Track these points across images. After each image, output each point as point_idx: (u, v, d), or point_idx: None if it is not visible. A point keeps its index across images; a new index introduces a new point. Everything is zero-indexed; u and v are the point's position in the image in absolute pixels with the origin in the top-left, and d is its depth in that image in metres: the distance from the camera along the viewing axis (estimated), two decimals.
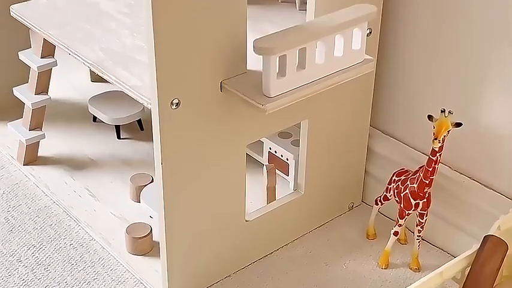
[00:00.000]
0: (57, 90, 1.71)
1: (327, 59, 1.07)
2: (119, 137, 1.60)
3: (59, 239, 1.35)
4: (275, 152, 1.42)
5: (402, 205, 1.24)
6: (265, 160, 1.45)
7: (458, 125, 1.14)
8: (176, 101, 1.05)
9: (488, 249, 1.05)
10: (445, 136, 1.15)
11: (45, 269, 1.29)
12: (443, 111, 1.14)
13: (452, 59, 1.25)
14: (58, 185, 1.46)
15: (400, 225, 1.26)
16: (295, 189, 1.35)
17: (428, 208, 1.23)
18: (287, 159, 1.40)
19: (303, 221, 1.35)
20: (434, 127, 1.15)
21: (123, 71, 1.14)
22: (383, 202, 1.31)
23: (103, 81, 1.69)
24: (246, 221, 1.25)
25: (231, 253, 1.25)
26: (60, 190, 1.45)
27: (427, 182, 1.19)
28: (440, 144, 1.15)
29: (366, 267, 1.31)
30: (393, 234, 1.26)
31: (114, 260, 1.30)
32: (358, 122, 1.34)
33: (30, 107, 1.46)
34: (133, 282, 1.26)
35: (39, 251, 1.32)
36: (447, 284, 1.07)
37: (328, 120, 1.28)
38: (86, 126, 1.63)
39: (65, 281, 1.26)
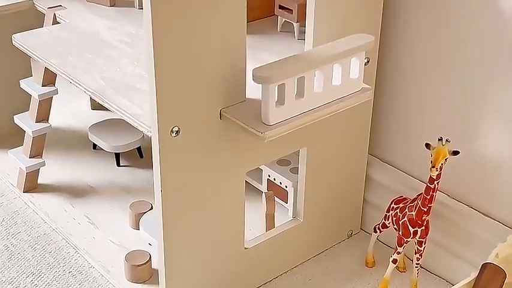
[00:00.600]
0: (58, 118, 1.72)
1: (325, 87, 1.09)
2: (118, 165, 1.60)
3: (58, 266, 1.35)
4: (274, 179, 1.43)
5: (401, 233, 1.24)
6: (264, 187, 1.46)
7: (456, 153, 1.15)
8: (176, 128, 1.06)
9: (487, 277, 1.05)
10: (442, 164, 1.16)
11: None
12: (441, 140, 1.15)
13: (449, 87, 1.26)
14: (57, 212, 1.47)
15: (399, 253, 1.26)
16: (294, 216, 1.35)
17: (426, 236, 1.23)
18: (286, 187, 1.41)
19: (302, 248, 1.36)
20: (431, 155, 1.16)
21: (123, 100, 1.15)
22: (382, 230, 1.32)
23: (103, 109, 1.71)
24: (245, 248, 1.25)
25: (230, 280, 1.25)
26: (59, 217, 1.45)
27: (426, 209, 1.20)
28: (438, 172, 1.16)
29: None
30: (392, 262, 1.27)
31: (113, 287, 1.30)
32: (357, 149, 1.35)
33: (31, 134, 1.47)
34: None
35: (38, 279, 1.32)
36: None
37: (326, 148, 1.29)
38: (86, 153, 1.64)
39: None
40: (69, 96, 1.77)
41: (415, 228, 1.22)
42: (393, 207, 1.27)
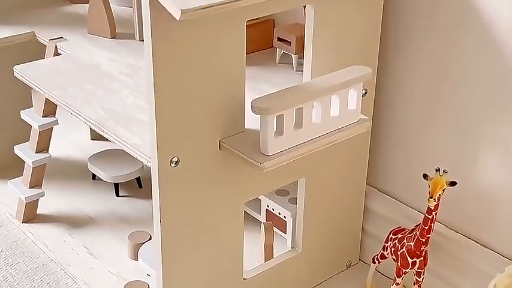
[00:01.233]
0: (58, 148, 1.73)
1: (324, 118, 1.10)
2: (117, 195, 1.61)
3: None
4: (273, 209, 1.43)
5: (399, 263, 1.24)
6: (262, 218, 1.46)
7: (453, 184, 1.16)
8: (175, 159, 1.07)
9: None
10: (440, 195, 1.17)
11: None
12: (438, 170, 1.16)
13: (447, 118, 1.27)
14: (56, 242, 1.47)
15: (397, 284, 1.26)
16: (293, 247, 1.35)
17: (425, 266, 1.23)
18: (285, 217, 1.41)
19: (300, 279, 1.35)
20: (429, 186, 1.17)
21: (123, 130, 1.16)
22: (380, 260, 1.32)
23: (103, 139, 1.72)
24: (244, 279, 1.25)
25: None
26: (58, 248, 1.45)
27: (424, 240, 1.20)
28: (435, 202, 1.17)
29: None
30: None
31: None
32: (355, 180, 1.36)
33: (31, 165, 1.47)
34: None
35: None
36: None
37: (325, 178, 1.30)
38: (85, 184, 1.65)
39: None
40: (69, 127, 1.78)
41: (414, 259, 1.22)
42: (392, 237, 1.27)
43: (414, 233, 1.22)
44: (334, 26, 1.16)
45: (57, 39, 1.46)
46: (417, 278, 1.24)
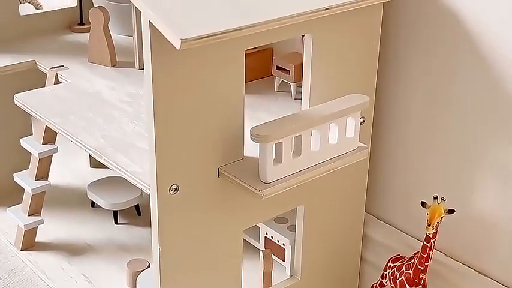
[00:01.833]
0: (57, 175, 1.73)
1: (322, 146, 1.11)
2: (116, 222, 1.61)
3: None
4: (271, 237, 1.43)
5: None
6: (261, 245, 1.46)
7: (451, 211, 1.16)
8: (175, 186, 1.07)
9: None
10: (438, 222, 1.17)
11: None
12: (436, 198, 1.16)
13: (445, 146, 1.28)
14: (55, 270, 1.46)
15: None
16: (292, 274, 1.35)
17: None
18: (283, 245, 1.41)
19: None
20: (427, 214, 1.17)
21: (123, 158, 1.16)
22: None
23: (102, 166, 1.72)
24: None
25: None
26: (56, 276, 1.45)
27: (422, 268, 1.20)
28: (434, 230, 1.17)
29: None
30: None
31: None
32: (353, 208, 1.36)
33: (30, 192, 1.48)
34: None
35: None
36: None
37: (323, 206, 1.30)
38: (84, 211, 1.65)
39: None
40: (69, 154, 1.78)
41: (413, 287, 1.22)
42: (390, 265, 1.27)
43: (413, 261, 1.22)
44: (332, 54, 1.18)
45: (57, 67, 1.47)
46: None
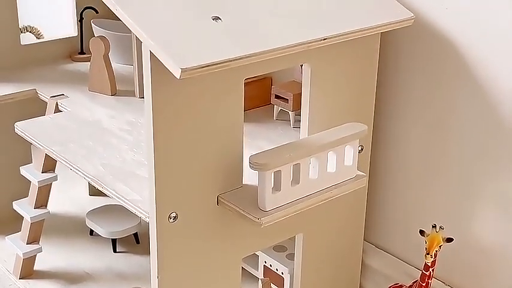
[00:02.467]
0: (56, 203, 1.73)
1: (320, 174, 1.11)
2: (115, 251, 1.61)
3: None
4: (270, 265, 1.43)
5: None
6: (260, 274, 1.46)
7: (450, 240, 1.17)
8: (174, 214, 1.07)
9: None
10: (437, 251, 1.17)
11: None
12: (435, 227, 1.17)
13: (443, 174, 1.29)
14: None
15: None
16: None
17: None
18: (282, 273, 1.41)
19: None
20: (426, 242, 1.17)
21: (122, 186, 1.17)
22: None
23: (101, 194, 1.72)
24: None
25: None
26: None
27: None
28: (432, 259, 1.17)
29: None
30: None
31: None
32: (352, 236, 1.36)
33: (29, 220, 1.48)
34: None
35: None
36: None
37: (322, 234, 1.30)
38: (83, 240, 1.64)
39: None
40: (68, 182, 1.79)
41: None
42: None
43: None
44: (330, 83, 1.19)
45: (58, 96, 1.49)
46: None
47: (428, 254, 1.17)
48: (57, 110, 1.46)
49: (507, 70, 1.15)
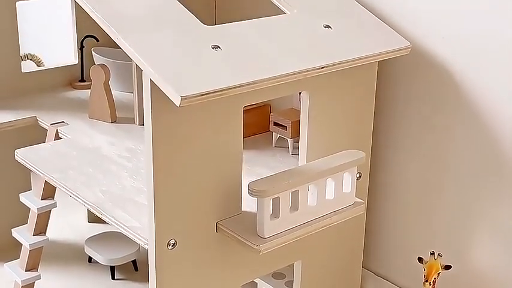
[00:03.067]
0: (55, 230, 1.73)
1: (319, 201, 1.12)
2: (113, 278, 1.60)
3: None
4: None
5: None
6: None
7: (448, 267, 1.17)
8: (173, 241, 1.08)
9: None
10: (435, 278, 1.17)
11: None
12: (433, 254, 1.17)
13: (441, 201, 1.29)
14: None
15: None
16: None
17: None
18: None
19: None
20: (424, 269, 1.17)
21: (121, 212, 1.17)
22: None
23: (100, 221, 1.73)
24: None
25: None
26: None
27: None
28: (431, 286, 1.17)
29: None
30: None
31: None
32: (351, 263, 1.36)
33: (28, 248, 1.47)
34: None
35: None
36: None
37: (321, 261, 1.30)
38: (81, 267, 1.64)
39: None
40: (67, 208, 1.79)
41: None
42: None
43: None
44: (328, 111, 1.20)
45: (58, 123, 1.49)
46: None
47: (427, 281, 1.17)
48: (57, 137, 1.47)
49: (505, 98, 1.16)
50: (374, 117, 1.28)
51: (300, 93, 1.23)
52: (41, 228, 1.49)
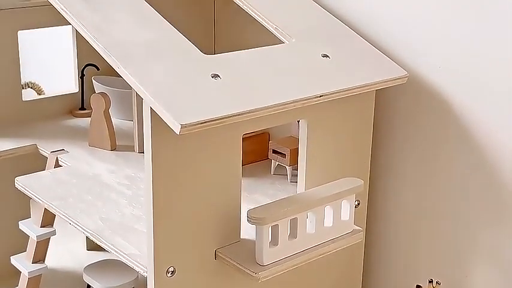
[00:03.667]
0: (54, 257, 1.73)
1: (318, 229, 1.12)
2: None
3: None
4: None
5: None
6: None
7: None
8: (172, 269, 1.08)
9: None
10: None
11: None
12: (431, 282, 1.17)
13: (440, 229, 1.29)
14: None
15: None
16: None
17: None
18: None
19: None
20: None
21: (121, 240, 1.17)
22: None
23: (99, 249, 1.72)
24: None
25: None
26: None
27: None
28: None
29: None
30: None
31: None
32: None
33: (27, 275, 1.47)
34: None
35: None
36: None
37: None
38: None
39: None
40: (66, 236, 1.78)
41: None
42: None
43: None
44: (326, 139, 1.21)
45: (58, 151, 1.50)
46: None
47: None
48: (57, 164, 1.47)
49: (503, 127, 1.17)
50: (372, 145, 1.29)
51: (298, 121, 1.24)
52: (39, 256, 1.49)
